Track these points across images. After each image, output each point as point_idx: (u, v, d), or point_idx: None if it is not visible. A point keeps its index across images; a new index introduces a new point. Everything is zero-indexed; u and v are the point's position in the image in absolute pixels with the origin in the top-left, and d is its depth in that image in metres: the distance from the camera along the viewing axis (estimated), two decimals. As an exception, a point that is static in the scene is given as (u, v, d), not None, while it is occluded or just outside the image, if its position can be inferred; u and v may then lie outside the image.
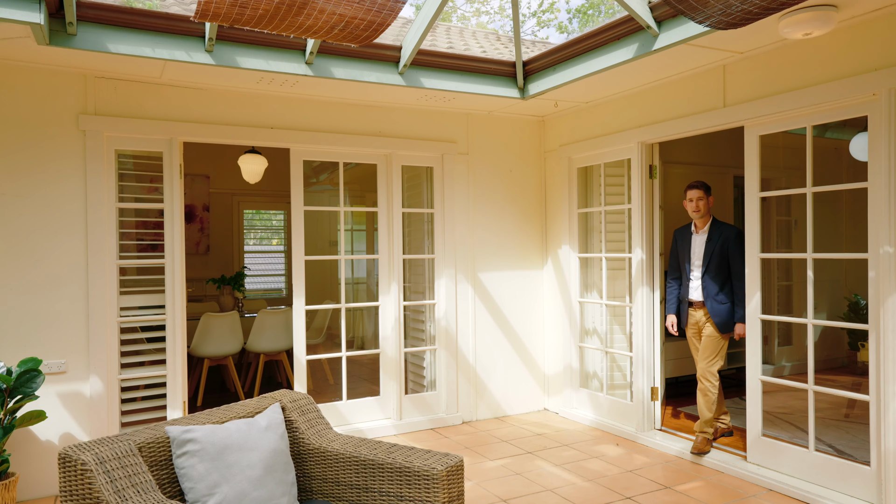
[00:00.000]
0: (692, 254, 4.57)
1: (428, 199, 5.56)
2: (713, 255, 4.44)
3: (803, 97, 3.73)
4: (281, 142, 4.85)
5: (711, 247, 4.46)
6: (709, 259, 4.45)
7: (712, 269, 4.44)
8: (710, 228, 4.52)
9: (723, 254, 4.44)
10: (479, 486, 4.06)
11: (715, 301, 4.42)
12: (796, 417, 5.13)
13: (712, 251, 4.45)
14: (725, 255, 4.44)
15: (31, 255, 4.02)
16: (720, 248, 4.44)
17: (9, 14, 3.18)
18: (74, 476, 2.03)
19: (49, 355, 4.04)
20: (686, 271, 4.61)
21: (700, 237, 4.55)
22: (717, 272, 4.44)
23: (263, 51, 4.09)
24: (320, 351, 6.64)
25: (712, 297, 4.43)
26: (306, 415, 2.74)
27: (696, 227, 4.58)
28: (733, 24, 2.86)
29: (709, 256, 4.45)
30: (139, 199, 4.48)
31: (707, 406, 4.47)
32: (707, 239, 4.50)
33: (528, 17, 16.97)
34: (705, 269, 4.46)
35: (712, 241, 4.47)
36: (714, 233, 4.49)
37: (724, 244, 4.43)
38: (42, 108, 4.07)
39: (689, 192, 4.54)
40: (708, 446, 4.41)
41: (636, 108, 4.92)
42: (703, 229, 4.54)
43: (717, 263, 4.43)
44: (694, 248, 4.56)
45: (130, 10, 3.71)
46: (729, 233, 4.45)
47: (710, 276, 4.45)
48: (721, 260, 4.44)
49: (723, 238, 4.44)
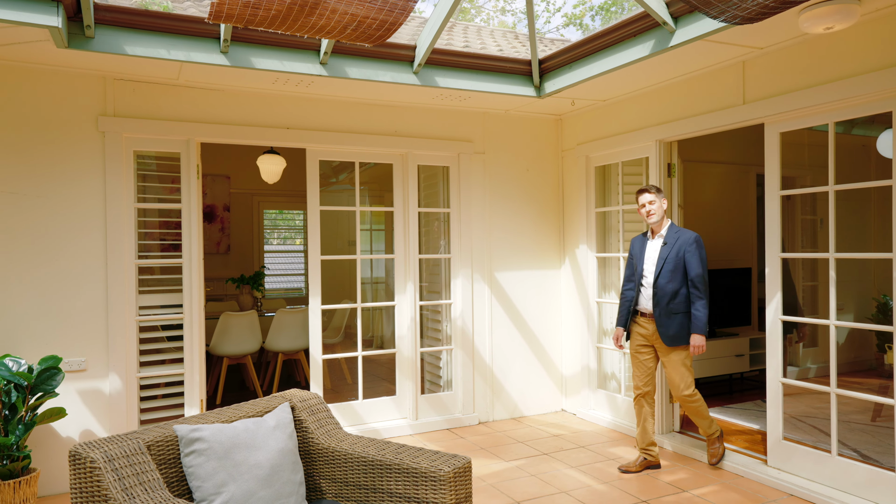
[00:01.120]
0: (645, 260, 4.23)
1: (444, 198, 5.54)
2: (667, 260, 4.08)
3: (825, 93, 3.63)
4: (297, 142, 4.88)
5: (666, 251, 4.11)
6: (662, 264, 4.10)
7: (665, 274, 4.08)
8: (667, 233, 4.18)
9: (678, 260, 4.07)
10: (493, 486, 4.03)
11: (665, 311, 4.08)
12: (821, 421, 5.01)
13: (666, 256, 4.09)
14: (682, 262, 4.07)
15: (51, 255, 4.10)
16: (675, 254, 4.07)
17: (27, 18, 3.24)
18: (84, 473, 2.06)
19: (69, 353, 4.12)
20: (638, 279, 4.28)
21: (655, 242, 4.22)
22: (670, 278, 4.07)
23: (278, 51, 4.11)
24: (338, 350, 6.66)
25: (663, 308, 4.08)
26: (316, 414, 2.74)
27: (652, 232, 4.25)
28: (750, 19, 2.79)
29: (662, 261, 4.10)
30: (157, 199, 4.54)
31: (702, 415, 4.23)
32: (662, 244, 4.16)
33: (554, 15, 16.85)
34: (657, 275, 4.11)
35: (668, 246, 4.12)
36: (670, 237, 4.14)
37: (680, 249, 4.07)
38: (62, 110, 4.14)
39: (641, 197, 4.20)
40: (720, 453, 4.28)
41: (654, 105, 4.85)
42: (660, 234, 4.20)
43: (672, 269, 4.07)
44: (648, 253, 4.23)
45: (146, 13, 3.76)
46: (686, 237, 4.10)
47: (663, 282, 4.09)
48: (676, 266, 4.07)
49: (679, 242, 4.09)
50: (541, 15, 16.90)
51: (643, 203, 4.20)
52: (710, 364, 6.17)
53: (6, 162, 3.98)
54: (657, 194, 4.18)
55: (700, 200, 6.87)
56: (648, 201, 4.18)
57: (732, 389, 6.37)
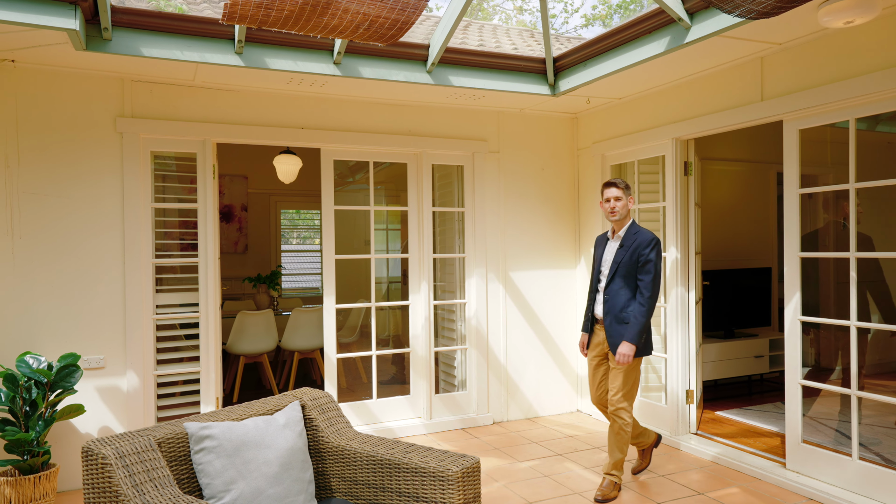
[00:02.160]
0: (603, 263, 3.95)
1: (459, 197, 5.53)
2: (622, 263, 3.79)
3: (845, 89, 3.56)
4: (311, 142, 4.90)
5: (621, 255, 3.82)
6: (616, 268, 3.81)
7: (619, 279, 3.80)
8: (625, 234, 3.86)
9: (632, 264, 3.78)
10: (505, 487, 4.01)
11: (616, 319, 3.79)
12: (844, 424, 4.91)
13: (620, 260, 3.81)
14: (636, 266, 3.78)
15: (70, 254, 4.16)
16: (630, 258, 3.78)
17: (46, 21, 3.29)
18: (95, 469, 2.09)
19: (88, 351, 4.18)
20: (594, 283, 4.01)
21: (613, 244, 3.92)
22: (624, 283, 3.79)
23: (292, 51, 4.13)
24: (354, 349, 6.69)
25: (614, 315, 3.79)
26: (326, 413, 2.75)
27: (613, 232, 3.96)
28: (765, 14, 2.74)
29: (616, 265, 3.81)
30: (175, 199, 4.59)
31: (619, 445, 3.82)
32: (619, 245, 3.87)
33: (572, 16, 16.75)
34: (610, 280, 3.84)
35: (624, 249, 3.82)
36: (628, 239, 3.84)
37: (635, 252, 3.77)
38: (82, 112, 4.21)
39: (606, 191, 3.87)
40: (616, 492, 3.82)
41: (670, 103, 4.79)
42: (619, 234, 3.90)
43: (626, 274, 3.79)
44: (605, 256, 3.95)
45: (162, 15, 3.80)
46: (643, 238, 3.79)
47: (616, 287, 3.81)
48: (629, 272, 3.79)
49: (635, 245, 3.79)
50: (559, 15, 16.82)
51: (608, 197, 3.86)
52: (728, 365, 6.08)
53: (28, 163, 4.05)
54: (625, 191, 3.85)
55: (719, 199, 6.78)
56: (615, 196, 3.84)
57: (752, 391, 6.28)
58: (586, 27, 16.95)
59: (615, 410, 3.80)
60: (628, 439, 3.85)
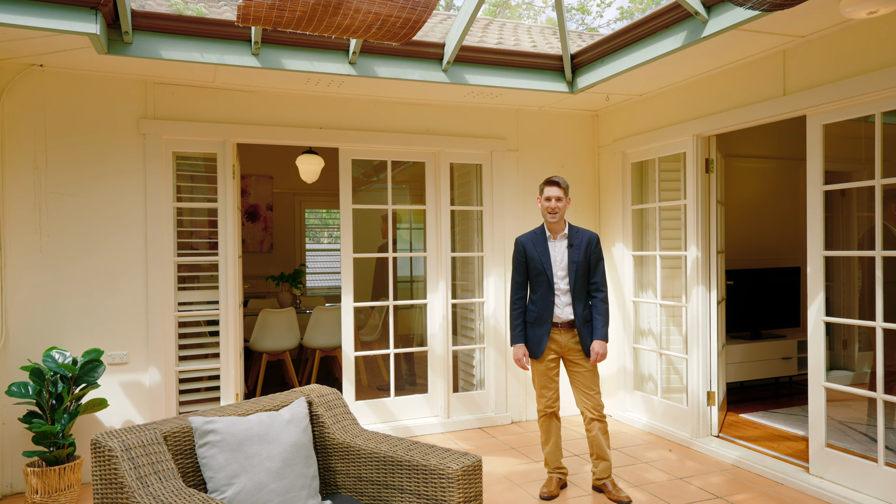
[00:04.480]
0: (554, 264, 3.79)
1: (477, 196, 5.52)
2: (580, 263, 3.75)
3: (871, 82, 3.44)
4: (329, 141, 4.95)
5: (576, 254, 3.75)
6: (575, 268, 3.75)
7: (580, 279, 3.75)
8: (570, 234, 3.80)
9: (587, 263, 3.77)
10: (519, 487, 3.99)
11: (583, 319, 3.76)
12: (872, 429, 4.75)
13: (578, 260, 3.75)
14: (588, 265, 3.78)
15: (95, 253, 4.28)
16: (584, 256, 3.76)
17: (68, 26, 3.39)
18: (102, 461, 2.14)
19: (111, 346, 4.29)
20: (545, 286, 3.79)
21: (559, 244, 3.80)
22: (583, 282, 3.77)
23: (307, 52, 4.18)
24: (375, 348, 6.73)
25: (582, 315, 3.76)
26: (333, 410, 2.77)
27: (553, 232, 3.83)
28: (779, 6, 2.67)
29: (575, 265, 3.75)
30: (199, 198, 4.68)
31: (608, 444, 3.87)
32: (568, 245, 3.78)
33: (605, 9, 16.56)
34: (574, 281, 3.75)
35: (575, 248, 3.76)
36: (574, 238, 3.79)
37: (587, 250, 3.76)
38: (105, 114, 4.32)
39: (548, 189, 3.76)
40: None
41: (690, 99, 4.70)
42: (562, 233, 3.81)
43: (583, 273, 3.77)
44: (555, 257, 3.79)
45: (181, 18, 3.88)
46: (590, 236, 3.80)
47: (578, 287, 3.76)
48: (586, 270, 3.77)
49: (584, 243, 3.77)
50: (591, 10, 16.65)
51: (549, 196, 3.75)
52: (754, 367, 5.94)
53: (55, 164, 4.18)
54: (566, 191, 3.78)
55: (744, 197, 6.64)
56: (556, 196, 3.74)
57: (779, 394, 6.12)
58: (620, 20, 16.75)
59: (602, 412, 3.84)
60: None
